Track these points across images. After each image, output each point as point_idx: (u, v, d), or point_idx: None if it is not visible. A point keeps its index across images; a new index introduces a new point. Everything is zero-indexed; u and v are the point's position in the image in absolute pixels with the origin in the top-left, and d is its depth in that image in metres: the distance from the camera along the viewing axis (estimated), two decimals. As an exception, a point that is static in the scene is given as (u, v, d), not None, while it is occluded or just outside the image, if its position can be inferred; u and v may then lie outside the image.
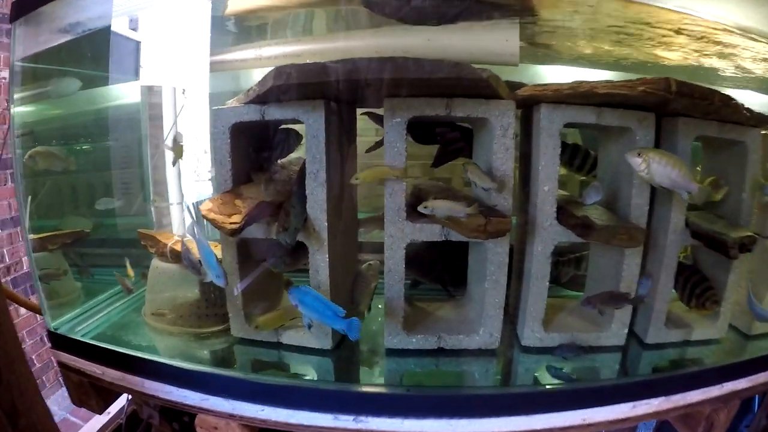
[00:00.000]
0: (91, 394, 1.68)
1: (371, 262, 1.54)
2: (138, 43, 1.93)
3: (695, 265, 1.69)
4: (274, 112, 1.39)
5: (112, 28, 1.86)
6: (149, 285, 1.71)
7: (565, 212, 1.42)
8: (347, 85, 1.25)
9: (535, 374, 1.45)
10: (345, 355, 1.52)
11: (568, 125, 1.42)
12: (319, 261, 1.42)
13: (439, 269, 1.70)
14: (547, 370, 1.44)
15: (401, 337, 1.49)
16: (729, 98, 1.39)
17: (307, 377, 1.46)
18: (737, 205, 1.58)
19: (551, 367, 1.44)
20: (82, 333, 1.71)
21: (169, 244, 1.65)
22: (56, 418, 2.92)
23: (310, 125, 1.35)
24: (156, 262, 1.70)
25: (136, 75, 1.95)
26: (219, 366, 1.51)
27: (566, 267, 1.78)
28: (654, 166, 1.29)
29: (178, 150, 1.57)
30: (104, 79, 1.94)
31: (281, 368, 1.50)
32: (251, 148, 1.54)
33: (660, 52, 1.69)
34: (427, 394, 1.31)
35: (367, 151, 1.65)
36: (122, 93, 2.08)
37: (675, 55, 1.73)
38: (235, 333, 1.59)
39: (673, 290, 1.59)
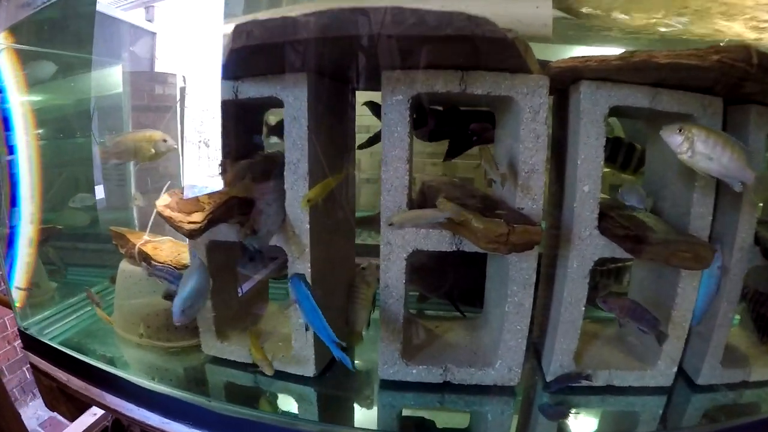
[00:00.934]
0: (60, 400, 1.49)
1: (364, 266, 1.21)
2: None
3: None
4: (248, 89, 1.09)
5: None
6: (117, 290, 1.43)
7: (609, 220, 1.07)
8: (332, 50, 0.94)
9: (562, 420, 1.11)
10: (330, 384, 1.20)
11: (612, 112, 1.07)
12: (300, 271, 1.11)
13: (450, 284, 1.36)
14: (540, 411, 1.11)
15: (399, 367, 1.16)
16: (819, 80, 1.02)
17: (284, 410, 1.15)
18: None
19: (546, 407, 1.11)
20: (51, 336, 1.49)
21: (138, 245, 1.37)
22: (42, 417, 2.71)
23: (290, 104, 1.04)
24: (124, 265, 1.42)
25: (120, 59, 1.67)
26: (185, 388, 1.22)
27: (605, 279, 1.41)
28: (699, 147, 0.94)
29: (115, 148, 1.28)
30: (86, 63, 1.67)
31: (255, 397, 1.20)
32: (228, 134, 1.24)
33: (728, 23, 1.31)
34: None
35: (360, 147, 1.32)
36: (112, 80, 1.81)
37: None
38: (207, 350, 1.30)
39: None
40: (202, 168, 1.38)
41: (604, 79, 1.05)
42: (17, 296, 1.70)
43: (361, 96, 1.35)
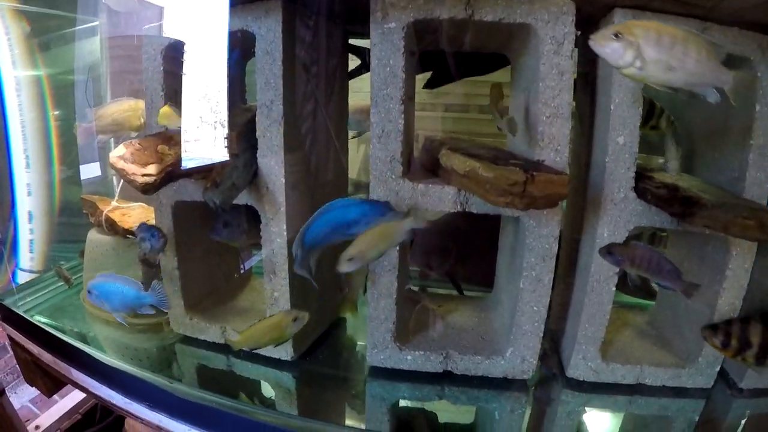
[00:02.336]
0: (37, 374, 1.37)
1: None
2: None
3: None
4: (216, 21, 0.88)
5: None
6: (85, 263, 1.25)
7: (648, 181, 0.84)
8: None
9: (584, 422, 0.89)
10: (311, 370, 1.00)
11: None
12: (274, 235, 0.91)
13: (453, 259, 1.13)
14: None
15: (391, 353, 0.95)
16: None
17: (255, 399, 0.95)
18: None
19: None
20: (25, 308, 1.34)
21: (105, 212, 1.18)
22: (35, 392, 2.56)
23: (262, 36, 0.85)
24: (92, 234, 1.24)
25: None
26: (150, 368, 1.04)
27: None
28: (651, 53, 0.62)
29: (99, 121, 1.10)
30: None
31: (225, 381, 1.00)
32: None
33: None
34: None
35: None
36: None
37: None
38: (176, 329, 1.12)
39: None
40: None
41: (643, 8, 0.82)
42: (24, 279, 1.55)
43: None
